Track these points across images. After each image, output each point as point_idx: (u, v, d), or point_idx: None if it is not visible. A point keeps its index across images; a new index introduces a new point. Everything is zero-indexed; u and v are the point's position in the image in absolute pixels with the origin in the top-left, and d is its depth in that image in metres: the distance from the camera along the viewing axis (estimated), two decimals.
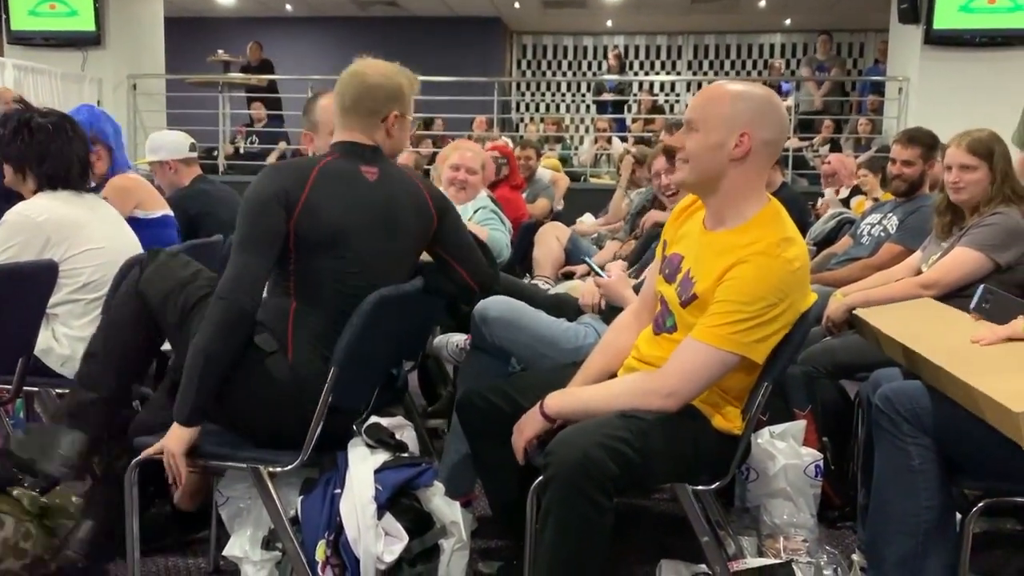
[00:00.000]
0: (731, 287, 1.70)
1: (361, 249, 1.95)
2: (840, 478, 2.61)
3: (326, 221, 1.91)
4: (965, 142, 2.67)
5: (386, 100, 2.03)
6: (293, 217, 1.89)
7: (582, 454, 1.61)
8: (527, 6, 11.87)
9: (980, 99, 6.81)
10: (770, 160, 1.82)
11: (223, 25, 12.36)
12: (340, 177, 1.96)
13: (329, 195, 1.93)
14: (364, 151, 2.02)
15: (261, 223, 1.89)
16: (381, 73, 2.05)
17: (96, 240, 2.49)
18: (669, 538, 2.40)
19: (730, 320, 1.69)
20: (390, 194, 2.01)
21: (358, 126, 2.03)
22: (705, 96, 1.82)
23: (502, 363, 2.44)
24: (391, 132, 2.06)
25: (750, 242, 1.73)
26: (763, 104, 1.77)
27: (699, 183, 1.81)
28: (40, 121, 2.49)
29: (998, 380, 1.69)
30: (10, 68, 7.42)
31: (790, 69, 12.49)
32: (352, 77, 2.04)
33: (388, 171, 2.04)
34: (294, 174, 1.94)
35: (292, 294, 1.95)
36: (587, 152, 9.38)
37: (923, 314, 2.33)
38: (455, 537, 2.01)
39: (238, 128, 9.83)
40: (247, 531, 2.03)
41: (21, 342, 2.34)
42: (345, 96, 2.03)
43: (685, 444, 1.76)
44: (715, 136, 1.75)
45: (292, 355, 1.91)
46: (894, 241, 3.29)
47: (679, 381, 1.73)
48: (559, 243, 4.10)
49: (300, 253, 1.93)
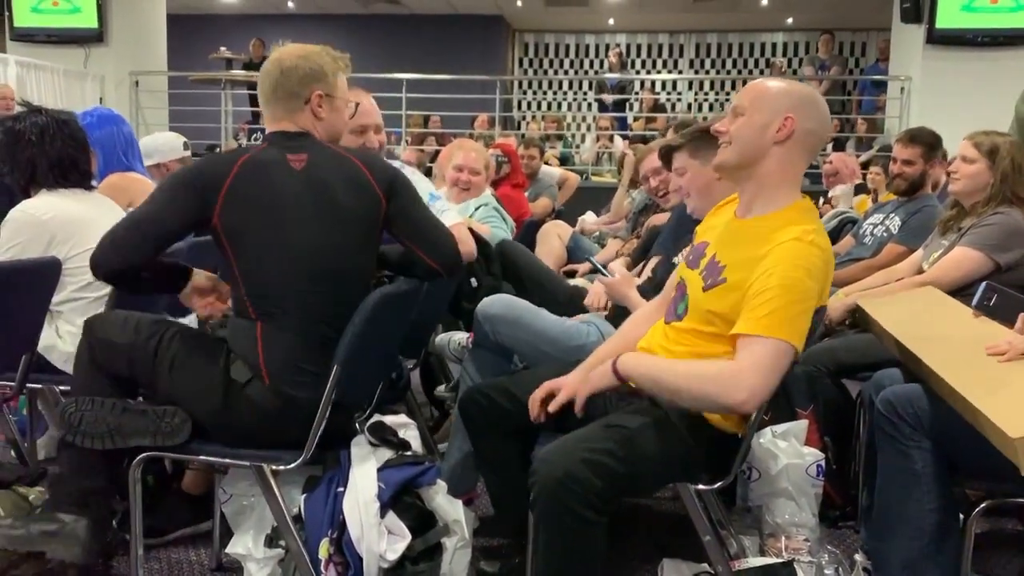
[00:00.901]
0: (770, 276, 1.66)
1: (301, 242, 1.89)
2: (842, 478, 2.61)
3: (252, 215, 1.87)
4: (975, 137, 2.71)
5: (304, 81, 1.97)
6: (215, 211, 1.86)
7: (563, 472, 1.60)
8: (529, 4, 11.86)
9: (982, 98, 6.78)
10: (809, 152, 1.81)
11: (225, 22, 12.37)
12: (264, 168, 1.91)
13: (252, 187, 1.88)
14: (291, 139, 1.97)
15: (165, 201, 1.88)
16: (297, 55, 1.99)
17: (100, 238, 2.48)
18: (671, 537, 2.40)
19: (776, 307, 1.64)
20: (320, 180, 1.93)
21: (282, 113, 1.99)
22: (753, 84, 1.85)
23: (504, 361, 2.45)
24: (318, 114, 2.00)
25: (782, 228, 1.71)
26: (809, 95, 1.81)
27: (740, 164, 1.79)
28: (9, 124, 2.49)
29: (1000, 398, 1.67)
30: (12, 65, 7.42)
31: (792, 68, 12.48)
32: (268, 64, 2.00)
33: (318, 157, 1.96)
34: (217, 166, 1.91)
35: (253, 315, 1.90)
36: (589, 150, 9.38)
37: (925, 307, 2.32)
38: (458, 535, 2.01)
39: (240, 125, 9.83)
40: (250, 529, 2.04)
41: (24, 339, 2.34)
42: (264, 85, 1.99)
43: (674, 445, 1.73)
44: (760, 117, 1.76)
45: (268, 378, 1.88)
46: (896, 241, 3.30)
47: (757, 377, 1.62)
48: (561, 241, 4.11)
49: (239, 256, 1.89)
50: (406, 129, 9.18)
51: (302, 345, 1.89)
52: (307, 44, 2.04)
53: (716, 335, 1.76)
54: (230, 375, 1.91)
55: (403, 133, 9.16)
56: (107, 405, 1.90)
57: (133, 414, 1.90)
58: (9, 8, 8.42)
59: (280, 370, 1.89)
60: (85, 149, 2.59)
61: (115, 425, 1.88)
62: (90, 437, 1.89)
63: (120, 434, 1.89)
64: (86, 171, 2.59)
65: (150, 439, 1.88)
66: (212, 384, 1.91)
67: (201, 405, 1.91)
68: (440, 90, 9.25)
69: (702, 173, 2.36)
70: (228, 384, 1.90)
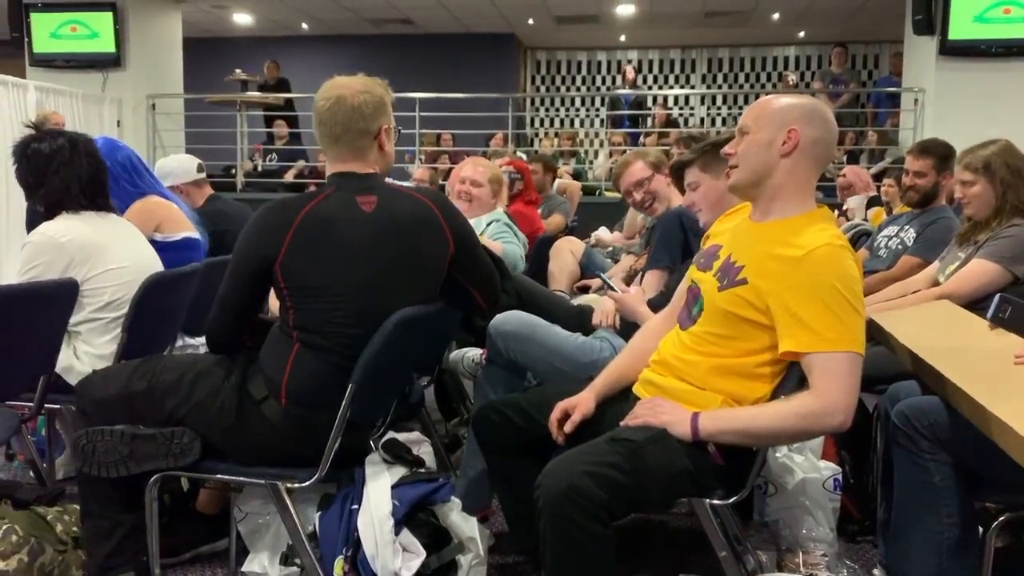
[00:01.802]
0: (819, 287, 1.65)
1: (360, 283, 1.90)
2: (859, 491, 2.58)
3: (312, 271, 1.88)
4: (964, 159, 2.73)
5: (375, 115, 1.96)
6: (276, 269, 1.88)
7: (566, 485, 1.60)
8: (540, 22, 11.92)
9: (997, 109, 6.77)
10: (818, 161, 1.82)
11: (240, 44, 12.49)
12: (329, 217, 1.90)
13: (314, 239, 1.88)
14: (360, 180, 1.96)
15: (239, 287, 1.94)
16: (359, 90, 1.96)
17: (119, 259, 2.51)
18: (687, 553, 2.39)
19: (837, 319, 1.64)
20: (391, 222, 1.94)
21: (350, 153, 1.97)
22: (756, 103, 1.88)
23: (518, 377, 2.45)
24: (384, 147, 2.01)
25: (805, 230, 1.73)
26: (811, 106, 1.84)
27: (750, 181, 1.82)
28: (36, 147, 2.51)
29: (1018, 406, 1.65)
30: (32, 90, 7.52)
31: (804, 81, 12.47)
32: (331, 104, 1.95)
33: (388, 197, 1.96)
34: (272, 233, 1.88)
35: (294, 337, 1.92)
36: (602, 166, 9.39)
37: (940, 321, 2.31)
38: (472, 553, 2.01)
39: (255, 146, 9.92)
40: (266, 547, 2.05)
41: (42, 360, 2.36)
42: (334, 125, 1.94)
43: (681, 459, 1.73)
44: (765, 133, 1.79)
45: (285, 399, 1.90)
46: (911, 253, 3.28)
47: (846, 396, 1.64)
48: (574, 257, 4.11)
49: (293, 296, 1.91)
50: (419, 148, 9.23)
51: (328, 372, 1.90)
52: (353, 77, 2.00)
53: (732, 337, 1.76)
54: (243, 390, 1.93)
55: (416, 152, 9.21)
56: (116, 434, 1.94)
57: (144, 439, 1.93)
58: (28, 35, 8.56)
59: (300, 394, 1.90)
60: (106, 171, 2.63)
61: (127, 452, 1.93)
62: (106, 466, 1.93)
63: (134, 460, 1.93)
64: (107, 193, 2.62)
65: (163, 462, 1.92)
66: (224, 400, 1.93)
67: (212, 423, 1.93)
68: (453, 108, 9.29)
69: (714, 187, 2.37)
70: (241, 400, 1.92)
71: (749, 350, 1.76)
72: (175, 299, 2.71)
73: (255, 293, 1.96)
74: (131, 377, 2.01)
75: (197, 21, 11.39)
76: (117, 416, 1.99)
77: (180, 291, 2.71)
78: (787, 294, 1.68)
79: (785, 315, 1.68)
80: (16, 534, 2.12)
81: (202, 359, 2.08)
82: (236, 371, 1.97)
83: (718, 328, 1.79)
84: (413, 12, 11.26)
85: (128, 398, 1.99)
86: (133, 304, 2.47)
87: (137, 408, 1.99)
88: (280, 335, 1.96)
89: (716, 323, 1.79)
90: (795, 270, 1.68)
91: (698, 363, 1.81)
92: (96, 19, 8.50)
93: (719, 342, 1.79)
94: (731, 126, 12.83)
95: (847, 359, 1.65)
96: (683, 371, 1.84)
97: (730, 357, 1.77)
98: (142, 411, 1.98)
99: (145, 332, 2.53)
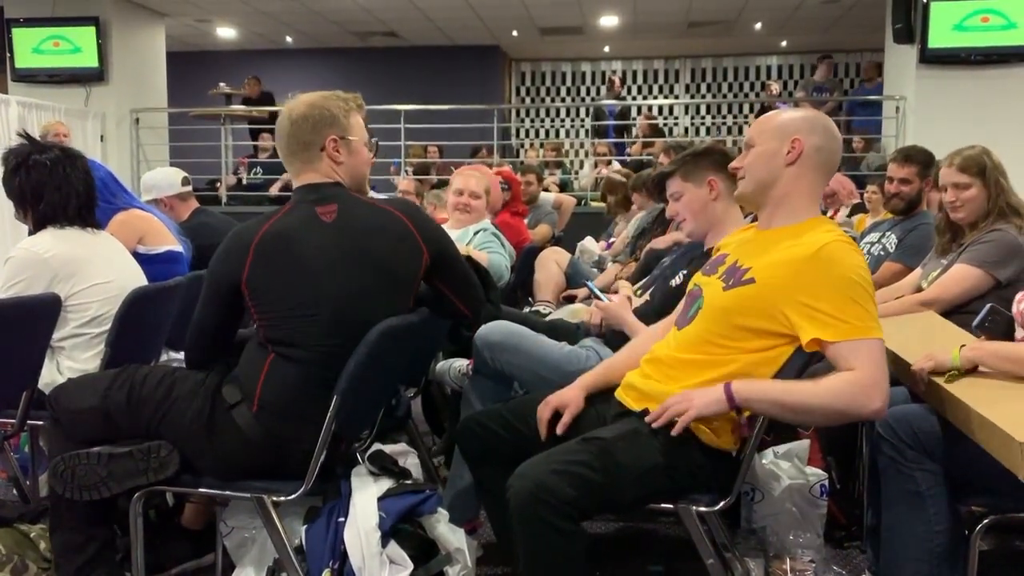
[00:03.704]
0: (834, 278, 1.69)
1: (327, 293, 1.90)
2: (846, 497, 2.59)
3: (276, 286, 1.89)
4: (956, 161, 2.70)
5: (317, 128, 1.97)
6: (243, 289, 1.90)
7: (534, 484, 1.62)
8: (525, 34, 11.97)
9: (977, 116, 6.85)
10: (823, 168, 1.86)
11: (224, 58, 12.48)
12: (287, 233, 1.91)
13: (275, 254, 1.89)
14: (318, 191, 1.97)
15: (212, 311, 1.98)
16: (306, 104, 1.99)
17: (103, 275, 2.50)
18: (675, 561, 2.39)
19: (861, 309, 1.68)
20: (352, 229, 1.94)
21: (301, 165, 2.00)
22: (761, 118, 1.94)
23: (504, 388, 2.45)
24: (335, 159, 2.00)
25: (809, 232, 1.77)
26: (813, 116, 1.90)
27: (756, 191, 1.88)
28: (37, 158, 2.48)
29: (1002, 408, 1.69)
30: (14, 105, 7.49)
31: (787, 91, 12.56)
32: (280, 119, 2.01)
33: (349, 206, 1.97)
34: (234, 255, 1.91)
35: (268, 348, 1.92)
36: (587, 176, 9.42)
37: (925, 330, 2.33)
38: (460, 564, 2.00)
39: (240, 159, 9.90)
40: (252, 561, 2.03)
41: (25, 375, 2.35)
42: (280, 141, 2.02)
43: (654, 455, 1.74)
44: (769, 145, 1.85)
45: (257, 405, 1.90)
46: (893, 259, 3.31)
47: (881, 380, 1.66)
48: (559, 268, 4.11)
49: (261, 311, 1.92)
50: (405, 160, 9.24)
51: (303, 384, 1.90)
52: (315, 92, 2.03)
53: (725, 336, 1.79)
54: (217, 395, 1.93)
55: (402, 164, 9.22)
56: (93, 456, 1.92)
57: (120, 458, 1.91)
58: (11, 50, 8.52)
59: (272, 402, 1.90)
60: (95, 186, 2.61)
61: (106, 473, 1.91)
62: (86, 489, 1.92)
63: (114, 479, 1.92)
64: (94, 209, 2.61)
65: (142, 478, 1.91)
66: (197, 404, 1.93)
67: (186, 428, 1.93)
68: (439, 120, 9.31)
69: (697, 196, 2.39)
70: (214, 404, 1.92)
71: (743, 349, 1.78)
72: (159, 313, 2.70)
73: (230, 315, 1.98)
74: (109, 388, 1.99)
75: (180, 35, 11.37)
76: (93, 429, 1.98)
77: (164, 305, 2.70)
78: (801, 294, 1.71)
79: (805, 312, 1.70)
80: None
81: (181, 368, 2.08)
82: (213, 377, 1.98)
83: (713, 326, 1.81)
84: (398, 25, 11.28)
85: (106, 411, 1.98)
86: (116, 319, 2.45)
87: (114, 420, 1.97)
88: (256, 346, 1.96)
89: (712, 321, 1.82)
90: (807, 267, 1.71)
91: (689, 360, 1.83)
92: (79, 34, 8.48)
93: (714, 339, 1.81)
94: (715, 135, 12.93)
95: (876, 345, 1.69)
96: (673, 369, 1.85)
97: (722, 355, 1.80)
98: (119, 423, 1.97)
99: (129, 347, 2.51)
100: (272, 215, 1.96)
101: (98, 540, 2.03)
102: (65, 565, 2.03)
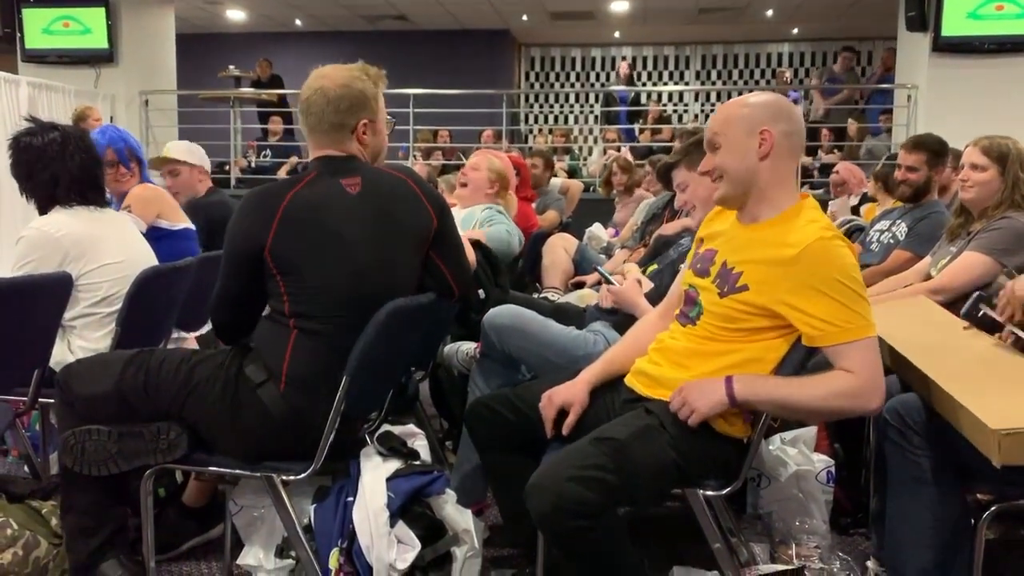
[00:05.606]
0: (819, 280, 1.68)
1: (355, 264, 1.90)
2: (852, 484, 2.60)
3: (303, 247, 1.88)
4: (982, 143, 2.71)
5: (352, 111, 1.98)
6: (266, 255, 1.87)
7: (555, 496, 1.61)
8: (535, 19, 11.92)
9: (989, 105, 6.79)
10: (795, 152, 1.86)
11: (234, 41, 12.46)
12: (316, 202, 1.90)
13: (304, 229, 1.87)
14: (342, 164, 1.98)
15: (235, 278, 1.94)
16: (340, 84, 1.97)
17: (113, 254, 2.51)
18: (681, 545, 2.39)
19: (854, 309, 1.68)
20: (379, 201, 1.96)
21: (328, 141, 2.00)
22: (719, 113, 1.89)
23: (512, 371, 2.45)
24: (363, 140, 2.01)
25: (795, 226, 1.76)
26: (772, 101, 1.86)
27: (738, 192, 1.85)
28: (29, 140, 2.49)
29: (983, 397, 1.70)
30: (24, 86, 7.50)
31: (798, 78, 12.49)
32: (312, 94, 1.98)
33: (372, 178, 1.99)
34: (259, 219, 1.88)
35: (292, 325, 1.90)
36: (596, 163, 9.40)
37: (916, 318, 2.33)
38: (467, 545, 2.02)
39: (249, 143, 9.90)
40: (261, 540, 2.05)
41: (36, 354, 2.36)
42: (310, 116, 1.99)
43: (667, 452, 1.74)
44: (739, 142, 1.81)
45: (284, 384, 1.89)
46: (903, 248, 3.30)
47: (878, 379, 1.68)
48: (567, 254, 4.11)
49: (288, 282, 1.89)
50: (414, 144, 9.23)
51: (328, 357, 1.89)
52: (342, 67, 2.01)
53: (728, 331, 1.80)
54: (241, 377, 1.92)
55: (411, 148, 9.21)
56: (103, 433, 1.93)
57: (130, 437, 1.93)
58: (21, 30, 8.52)
59: (299, 378, 1.89)
60: (100, 164, 2.62)
61: (115, 450, 1.93)
62: (96, 464, 1.93)
63: (123, 457, 1.93)
64: (102, 187, 2.61)
65: (151, 458, 1.92)
66: (221, 386, 1.92)
67: (209, 410, 1.93)
68: (448, 105, 9.30)
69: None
70: (238, 386, 1.91)
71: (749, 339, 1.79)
72: (170, 293, 2.71)
73: (254, 281, 1.93)
74: (124, 372, 1.98)
75: (190, 17, 11.36)
76: (108, 412, 1.97)
77: (175, 285, 2.71)
78: (790, 296, 1.71)
79: (794, 316, 1.72)
80: (11, 528, 2.12)
81: (198, 351, 2.08)
82: (234, 359, 1.96)
83: (721, 322, 1.82)
84: (408, 8, 11.25)
85: (121, 395, 1.97)
86: (127, 298, 2.47)
87: (130, 403, 1.97)
88: (274, 324, 1.94)
89: (719, 319, 1.82)
90: (793, 272, 1.71)
91: (695, 350, 1.84)
92: (89, 15, 8.47)
93: (719, 335, 1.82)
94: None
95: (871, 344, 1.69)
96: (681, 356, 1.86)
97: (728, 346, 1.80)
98: (135, 405, 1.96)
99: (139, 326, 2.53)
100: (296, 182, 1.94)
101: (111, 523, 2.05)
102: (78, 549, 2.04)
